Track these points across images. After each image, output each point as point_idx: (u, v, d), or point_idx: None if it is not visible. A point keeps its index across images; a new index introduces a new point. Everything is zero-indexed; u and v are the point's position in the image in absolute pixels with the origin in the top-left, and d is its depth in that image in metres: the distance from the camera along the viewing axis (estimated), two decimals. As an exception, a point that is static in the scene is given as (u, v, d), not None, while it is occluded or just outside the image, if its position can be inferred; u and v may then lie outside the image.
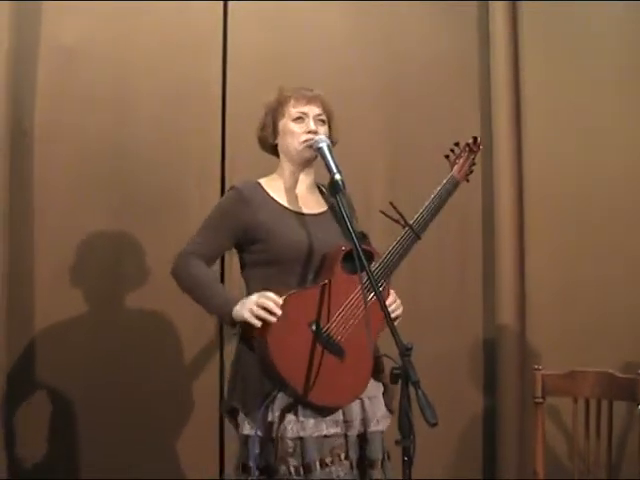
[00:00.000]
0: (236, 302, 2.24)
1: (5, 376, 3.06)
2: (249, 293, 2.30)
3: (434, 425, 1.85)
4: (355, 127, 3.17)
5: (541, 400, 2.87)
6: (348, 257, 2.24)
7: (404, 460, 1.93)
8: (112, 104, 3.22)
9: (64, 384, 3.16)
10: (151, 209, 3.23)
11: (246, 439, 2.27)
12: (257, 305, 2.19)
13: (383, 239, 2.50)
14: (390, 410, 2.37)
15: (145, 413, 3.18)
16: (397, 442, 1.94)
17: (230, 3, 3.34)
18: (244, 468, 2.28)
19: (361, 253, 2.10)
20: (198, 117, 3.29)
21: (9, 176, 3.07)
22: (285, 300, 2.20)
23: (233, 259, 2.60)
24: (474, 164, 2.50)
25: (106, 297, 3.21)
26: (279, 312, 2.18)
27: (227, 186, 3.24)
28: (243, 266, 2.41)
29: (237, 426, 2.32)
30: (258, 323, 2.18)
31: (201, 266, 2.33)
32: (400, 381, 1.95)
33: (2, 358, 3.05)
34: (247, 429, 2.26)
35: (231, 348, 3.21)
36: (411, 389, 1.91)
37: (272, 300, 2.19)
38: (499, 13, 3.43)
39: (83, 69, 3.21)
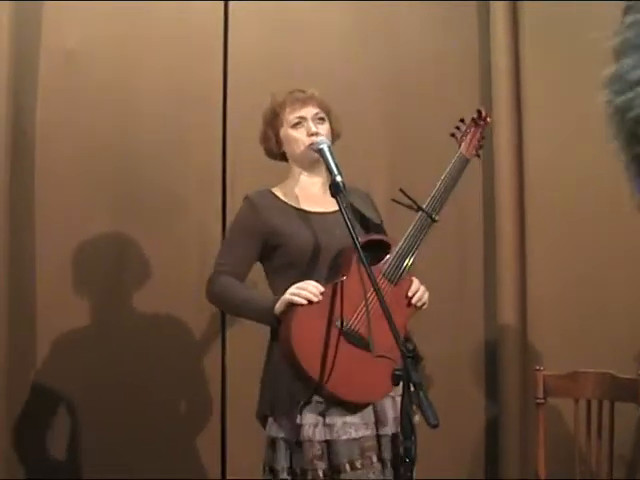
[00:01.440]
0: (273, 302, 2.24)
1: (7, 376, 3.05)
2: None
3: (435, 426, 1.85)
4: (356, 125, 3.17)
5: (542, 401, 2.86)
6: (367, 249, 2.20)
7: (405, 461, 1.93)
8: (113, 104, 3.22)
9: (65, 384, 3.16)
10: (153, 208, 3.23)
11: (273, 441, 2.25)
12: (298, 288, 2.20)
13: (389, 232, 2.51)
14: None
15: (146, 413, 3.18)
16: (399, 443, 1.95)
17: (231, 3, 3.34)
18: (271, 470, 2.26)
19: (362, 256, 2.09)
20: (199, 116, 3.28)
21: (10, 176, 3.06)
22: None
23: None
24: (483, 138, 2.47)
25: (108, 296, 3.21)
26: (320, 297, 2.18)
27: (228, 184, 3.26)
28: (267, 274, 2.41)
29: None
30: (303, 301, 2.17)
31: (227, 282, 2.33)
32: (402, 382, 1.95)
33: (4, 358, 3.05)
34: (275, 431, 2.25)
35: (233, 349, 3.23)
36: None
37: (313, 285, 2.20)
38: (500, 13, 3.42)
39: (84, 69, 3.20)
